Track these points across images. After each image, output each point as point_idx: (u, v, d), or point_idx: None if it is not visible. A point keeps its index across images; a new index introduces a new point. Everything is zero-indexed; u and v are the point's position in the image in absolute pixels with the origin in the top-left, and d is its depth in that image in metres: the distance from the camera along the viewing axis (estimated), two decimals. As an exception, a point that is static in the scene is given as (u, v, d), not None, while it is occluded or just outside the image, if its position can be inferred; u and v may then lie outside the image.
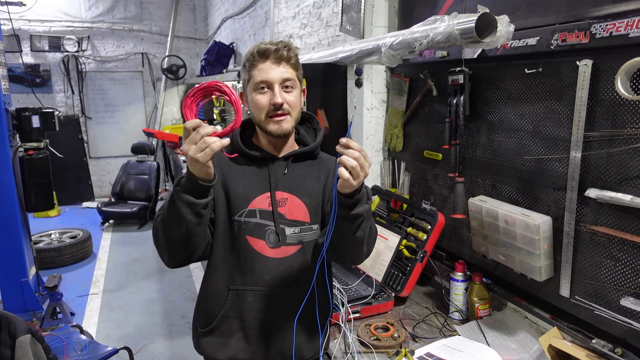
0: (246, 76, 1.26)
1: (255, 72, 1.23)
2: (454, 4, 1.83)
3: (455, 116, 1.71)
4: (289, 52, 1.24)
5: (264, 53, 1.22)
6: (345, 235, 1.15)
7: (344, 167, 1.03)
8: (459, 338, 1.50)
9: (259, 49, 1.23)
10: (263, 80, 1.22)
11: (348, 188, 1.06)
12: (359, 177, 1.04)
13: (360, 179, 1.05)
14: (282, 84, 1.23)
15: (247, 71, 1.25)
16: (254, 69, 1.23)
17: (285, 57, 1.23)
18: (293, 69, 1.26)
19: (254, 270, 1.28)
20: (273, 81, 1.22)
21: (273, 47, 1.23)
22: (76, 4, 7.00)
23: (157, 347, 3.23)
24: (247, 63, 1.25)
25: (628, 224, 1.23)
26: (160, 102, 7.54)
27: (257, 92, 1.23)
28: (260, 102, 1.23)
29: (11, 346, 1.66)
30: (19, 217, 3.36)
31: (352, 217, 1.11)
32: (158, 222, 1.18)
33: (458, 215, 1.71)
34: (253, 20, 4.96)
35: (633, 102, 1.18)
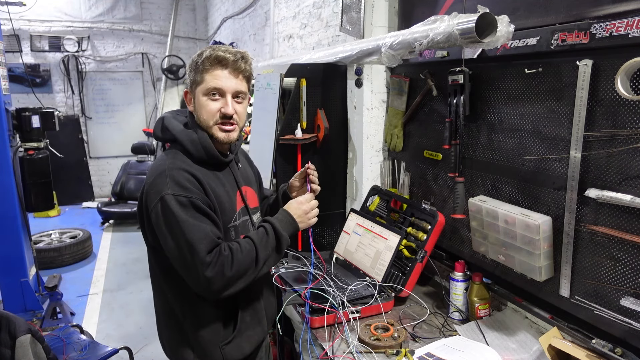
0: (197, 78, 1.26)
1: (208, 77, 1.25)
2: (454, 4, 1.83)
3: (455, 116, 1.71)
4: (245, 65, 1.29)
5: (221, 61, 1.25)
6: None
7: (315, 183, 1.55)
8: (459, 338, 1.50)
9: (218, 56, 1.24)
10: (217, 88, 1.25)
11: None
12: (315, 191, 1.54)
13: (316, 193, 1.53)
14: (234, 95, 1.28)
15: (199, 73, 1.26)
16: (207, 73, 1.25)
17: (242, 69, 1.28)
18: (246, 81, 1.32)
19: None
20: (227, 90, 1.26)
21: (231, 57, 1.25)
22: (76, 4, 7.00)
23: (157, 347, 3.22)
24: (200, 65, 1.25)
25: (628, 224, 1.23)
26: (160, 102, 7.53)
27: (208, 97, 1.26)
28: (210, 107, 1.26)
29: (11, 346, 1.66)
30: (19, 217, 3.36)
31: None
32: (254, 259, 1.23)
33: (458, 215, 1.71)
34: (253, 20, 4.96)
35: (633, 102, 1.18)
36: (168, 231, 1.18)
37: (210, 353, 1.33)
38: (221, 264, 1.16)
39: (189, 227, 1.16)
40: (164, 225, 1.19)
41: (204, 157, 1.28)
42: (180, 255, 1.18)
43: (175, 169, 1.22)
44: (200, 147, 1.27)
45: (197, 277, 1.17)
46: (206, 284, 1.17)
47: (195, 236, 1.15)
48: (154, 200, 1.20)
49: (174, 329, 1.37)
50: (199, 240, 1.15)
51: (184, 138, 1.28)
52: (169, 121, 1.33)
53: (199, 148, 1.27)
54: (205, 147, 1.27)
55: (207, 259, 1.15)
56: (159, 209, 1.18)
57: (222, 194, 1.30)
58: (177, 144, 1.30)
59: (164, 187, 1.19)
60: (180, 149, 1.29)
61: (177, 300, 1.33)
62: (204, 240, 1.16)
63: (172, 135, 1.30)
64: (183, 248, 1.16)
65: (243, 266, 1.21)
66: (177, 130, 1.30)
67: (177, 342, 1.37)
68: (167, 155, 1.29)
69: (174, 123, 1.32)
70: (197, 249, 1.15)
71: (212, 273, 1.15)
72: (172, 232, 1.18)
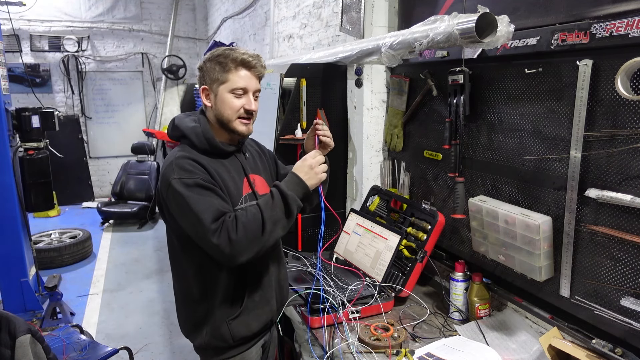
0: (221, 77, 1.38)
1: (235, 78, 1.38)
2: (454, 4, 1.83)
3: (455, 116, 1.71)
4: (262, 68, 1.43)
5: (246, 64, 1.39)
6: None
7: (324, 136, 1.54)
8: (459, 338, 1.50)
9: (244, 60, 1.38)
10: (243, 87, 1.39)
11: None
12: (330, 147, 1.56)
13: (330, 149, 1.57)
14: (254, 93, 1.43)
15: (223, 73, 1.38)
16: (233, 74, 1.38)
17: (260, 71, 1.43)
18: (260, 81, 1.47)
19: None
20: (250, 89, 1.40)
21: (254, 61, 1.40)
22: (76, 4, 6.99)
23: (157, 347, 3.23)
24: (225, 65, 1.37)
25: (628, 224, 1.23)
26: (160, 102, 7.53)
27: (233, 94, 1.39)
28: (235, 104, 1.39)
29: (11, 346, 1.66)
30: (19, 217, 3.36)
31: None
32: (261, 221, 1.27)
33: (458, 215, 1.71)
34: (253, 20, 4.96)
35: (633, 102, 1.18)
36: (180, 211, 1.30)
37: (218, 328, 1.42)
38: (226, 229, 1.24)
39: (194, 201, 1.26)
40: (176, 207, 1.31)
41: (207, 147, 1.40)
42: (193, 229, 1.29)
43: (181, 158, 1.35)
44: (203, 138, 1.39)
45: (209, 245, 1.26)
46: (217, 250, 1.26)
47: (200, 208, 1.26)
48: (165, 187, 1.32)
49: (190, 310, 1.48)
50: (203, 211, 1.25)
51: (189, 132, 1.41)
52: (180, 121, 1.46)
53: (202, 140, 1.39)
54: (207, 138, 1.39)
55: (212, 226, 1.24)
56: (170, 194, 1.31)
57: (227, 178, 1.40)
58: (186, 139, 1.42)
59: (171, 174, 1.31)
60: (188, 142, 1.41)
61: (196, 279, 1.43)
62: (207, 210, 1.26)
63: (181, 132, 1.43)
64: (192, 221, 1.27)
65: (250, 229, 1.26)
66: (184, 127, 1.43)
67: (192, 323, 1.48)
68: (176, 149, 1.43)
69: (183, 122, 1.45)
70: (202, 218, 1.24)
71: (218, 239, 1.24)
72: (183, 210, 1.29)
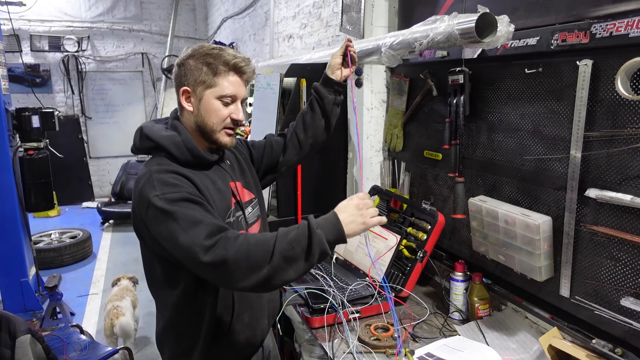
0: (208, 80, 1.22)
1: (225, 83, 1.23)
2: (454, 4, 1.83)
3: (455, 116, 1.71)
4: (252, 75, 1.30)
5: (239, 69, 1.25)
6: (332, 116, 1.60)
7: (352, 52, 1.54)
8: (459, 338, 1.50)
9: (236, 64, 1.23)
10: (232, 95, 1.25)
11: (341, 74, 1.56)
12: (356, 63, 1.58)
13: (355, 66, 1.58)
14: (242, 102, 1.30)
15: (212, 75, 1.22)
16: (222, 78, 1.23)
17: (250, 79, 1.31)
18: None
19: None
20: (239, 97, 1.27)
21: (246, 66, 1.26)
22: (76, 4, 7.00)
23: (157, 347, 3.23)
24: (215, 68, 1.22)
25: (628, 224, 1.23)
26: (160, 102, 7.54)
27: (221, 102, 1.24)
28: (223, 112, 1.24)
29: (11, 346, 1.67)
30: (19, 217, 3.36)
31: (339, 101, 1.60)
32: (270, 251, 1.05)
33: (458, 215, 1.71)
34: (253, 20, 4.96)
35: (633, 102, 1.18)
36: (165, 230, 1.09)
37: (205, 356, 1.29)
38: (223, 246, 1.04)
39: (182, 216, 1.07)
40: (159, 227, 1.10)
41: (190, 159, 1.23)
42: (180, 248, 1.07)
43: (161, 172, 1.16)
44: (185, 149, 1.22)
45: (198, 265, 1.05)
46: (207, 271, 1.06)
47: (190, 223, 1.06)
48: (145, 207, 1.12)
49: (174, 342, 1.32)
50: (194, 225, 1.06)
51: (166, 142, 1.21)
52: (149, 129, 1.26)
53: (184, 150, 1.22)
54: (190, 149, 1.22)
55: (205, 242, 1.04)
56: (151, 214, 1.11)
57: (214, 191, 1.24)
58: (160, 150, 1.23)
59: (150, 191, 1.11)
60: (164, 155, 1.22)
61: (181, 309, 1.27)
62: (199, 225, 1.06)
63: (153, 143, 1.23)
64: (180, 240, 1.06)
65: (253, 255, 1.04)
66: (158, 136, 1.23)
67: (177, 354, 1.33)
68: (150, 162, 1.22)
69: (155, 130, 1.26)
70: (193, 234, 1.05)
71: (210, 257, 1.03)
72: (168, 228, 1.08)
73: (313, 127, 1.59)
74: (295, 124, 1.62)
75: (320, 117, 1.59)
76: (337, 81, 1.56)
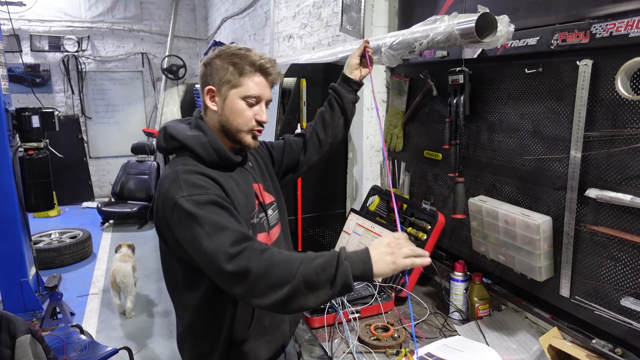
0: (234, 80, 1.22)
1: (250, 84, 1.23)
2: (454, 4, 1.83)
3: (455, 116, 1.71)
4: (278, 77, 1.30)
5: (265, 70, 1.24)
6: (350, 114, 1.63)
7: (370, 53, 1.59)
8: (459, 338, 1.50)
9: (262, 65, 1.23)
10: (257, 95, 1.24)
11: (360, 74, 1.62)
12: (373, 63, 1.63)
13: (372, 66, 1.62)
14: (267, 103, 1.30)
15: (238, 75, 1.22)
16: (248, 79, 1.22)
17: (276, 81, 1.29)
18: None
19: None
20: (264, 98, 1.27)
21: (272, 67, 1.25)
22: (76, 4, 7.00)
23: (157, 347, 3.23)
24: (241, 68, 1.22)
25: (628, 224, 1.23)
26: (160, 102, 7.53)
27: (245, 102, 1.23)
28: (247, 113, 1.24)
29: (11, 346, 1.67)
30: (19, 217, 3.36)
31: (356, 100, 1.65)
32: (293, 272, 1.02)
33: (458, 215, 1.71)
34: (253, 20, 4.96)
35: (633, 102, 1.18)
36: (189, 233, 1.08)
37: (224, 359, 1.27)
38: (247, 257, 1.02)
39: (208, 220, 1.06)
40: (184, 230, 1.09)
41: (216, 159, 1.22)
42: (202, 255, 1.06)
43: (189, 173, 1.15)
44: (212, 149, 1.21)
45: (220, 273, 1.04)
46: (228, 280, 1.04)
47: (216, 228, 1.05)
48: (170, 208, 1.11)
49: (193, 343, 1.31)
50: (220, 231, 1.04)
51: (192, 143, 1.21)
52: (173, 129, 1.25)
53: (210, 151, 1.21)
54: (216, 149, 1.22)
55: (230, 250, 1.02)
56: (176, 215, 1.09)
57: (238, 193, 1.23)
58: (185, 150, 1.22)
59: (177, 191, 1.10)
60: (190, 155, 1.22)
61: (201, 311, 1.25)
62: (226, 231, 1.05)
63: (179, 143, 1.23)
64: (205, 245, 1.05)
65: (275, 272, 1.01)
66: (183, 136, 1.23)
67: (197, 356, 1.31)
68: (176, 163, 1.21)
69: (180, 130, 1.25)
70: (219, 240, 1.03)
71: (233, 266, 1.01)
72: (193, 233, 1.07)
73: (332, 125, 1.61)
74: (315, 124, 1.63)
75: (340, 115, 1.61)
76: (356, 80, 1.61)
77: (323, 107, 1.64)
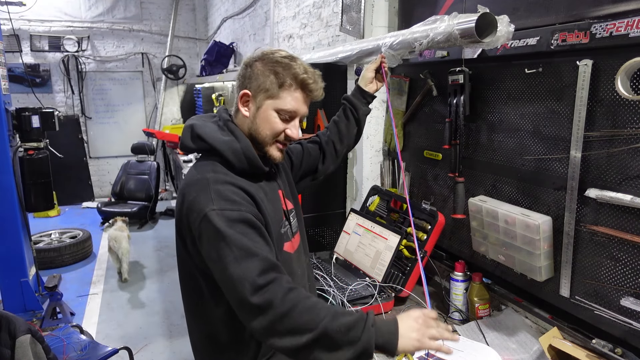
0: (273, 89, 1.15)
1: (289, 98, 1.16)
2: (454, 4, 1.83)
3: (455, 116, 1.71)
4: (320, 95, 1.23)
5: (307, 87, 1.18)
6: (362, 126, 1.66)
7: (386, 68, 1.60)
8: (459, 338, 1.49)
9: (304, 81, 1.16)
10: (292, 111, 1.18)
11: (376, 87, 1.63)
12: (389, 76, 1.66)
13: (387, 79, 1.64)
14: (301, 119, 1.23)
15: (277, 86, 1.15)
16: (287, 92, 1.16)
17: (316, 99, 1.22)
18: None
19: (291, 272, 1.25)
20: (299, 114, 1.20)
21: (314, 84, 1.19)
22: (76, 4, 6.99)
23: (157, 347, 3.23)
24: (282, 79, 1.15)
25: (628, 224, 1.23)
26: (160, 102, 7.54)
27: (279, 115, 1.17)
28: (279, 127, 1.18)
29: (11, 346, 1.66)
30: (19, 217, 3.36)
31: (369, 112, 1.66)
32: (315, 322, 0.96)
33: (458, 215, 1.71)
34: (253, 20, 4.96)
35: (633, 102, 1.18)
36: (214, 252, 1.03)
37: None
38: (274, 291, 0.96)
39: (238, 243, 1.00)
40: (210, 246, 1.04)
41: (247, 168, 1.16)
42: (227, 279, 1.01)
43: (220, 183, 1.09)
44: (244, 157, 1.15)
45: (243, 302, 0.98)
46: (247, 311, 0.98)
47: (245, 252, 0.99)
48: (198, 219, 1.05)
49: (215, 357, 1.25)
50: (249, 257, 0.99)
51: (224, 148, 1.14)
52: (202, 129, 1.18)
53: (242, 159, 1.15)
54: (249, 158, 1.15)
55: (258, 280, 0.97)
56: (203, 228, 1.04)
57: (267, 203, 1.18)
58: (215, 154, 1.16)
59: (208, 203, 1.05)
60: (219, 160, 1.15)
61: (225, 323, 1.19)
62: (255, 258, 0.99)
63: (208, 145, 1.16)
64: (230, 269, 0.99)
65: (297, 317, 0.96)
66: (214, 139, 1.16)
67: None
68: (204, 167, 1.15)
69: (210, 131, 1.17)
70: (247, 267, 0.98)
71: (259, 299, 0.96)
72: (219, 252, 1.01)
73: (348, 137, 1.64)
74: (330, 133, 1.62)
75: (354, 126, 1.63)
76: (370, 93, 1.64)
77: (337, 117, 1.64)
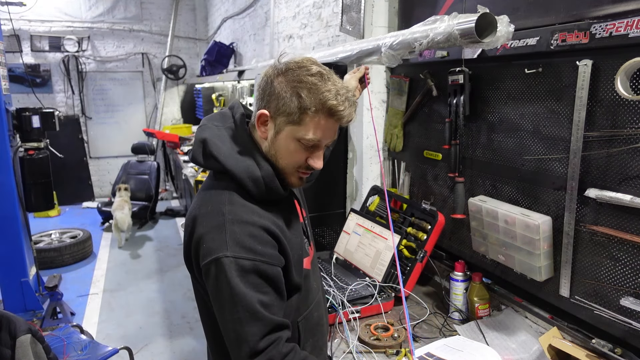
0: (294, 114, 0.99)
1: (311, 126, 1.00)
2: (454, 4, 1.83)
3: (455, 116, 1.71)
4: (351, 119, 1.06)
5: (335, 114, 1.00)
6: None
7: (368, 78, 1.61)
8: (459, 338, 1.50)
9: (333, 108, 0.99)
10: (317, 140, 1.02)
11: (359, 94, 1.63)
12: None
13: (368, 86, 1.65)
14: (327, 145, 1.09)
15: (299, 111, 0.99)
16: (311, 120, 1.00)
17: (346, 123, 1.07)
18: None
19: (309, 288, 1.20)
20: (324, 142, 1.05)
21: (344, 111, 1.01)
22: (76, 4, 7.00)
23: (157, 347, 3.23)
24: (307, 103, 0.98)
25: (628, 224, 1.23)
26: (161, 102, 7.54)
27: (300, 143, 1.02)
28: (300, 157, 1.05)
29: (11, 346, 1.66)
30: (19, 217, 3.36)
31: None
32: None
33: (458, 215, 1.71)
34: (253, 20, 4.96)
35: (633, 102, 1.18)
36: (218, 301, 0.98)
37: None
38: (271, 356, 0.94)
39: (245, 303, 0.94)
40: (216, 291, 0.98)
41: (265, 195, 1.05)
42: (227, 330, 0.98)
43: (238, 223, 0.99)
44: (264, 187, 1.04)
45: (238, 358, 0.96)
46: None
47: (250, 314, 0.94)
48: (208, 257, 0.97)
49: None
50: (254, 320, 0.94)
51: (243, 175, 1.03)
52: (216, 147, 1.05)
53: (262, 188, 1.04)
54: (270, 188, 1.04)
55: (259, 344, 0.94)
56: (212, 270, 0.97)
57: (288, 230, 1.09)
58: (232, 181, 1.04)
59: (222, 246, 0.96)
60: (235, 186, 1.04)
61: None
62: (259, 322, 0.95)
63: (223, 167, 1.04)
64: (233, 323, 0.96)
65: None
66: (230, 162, 1.04)
67: None
68: (219, 197, 1.04)
69: (222, 149, 1.05)
70: (248, 329, 0.94)
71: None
72: (224, 305, 0.97)
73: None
74: None
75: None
76: None
77: None
